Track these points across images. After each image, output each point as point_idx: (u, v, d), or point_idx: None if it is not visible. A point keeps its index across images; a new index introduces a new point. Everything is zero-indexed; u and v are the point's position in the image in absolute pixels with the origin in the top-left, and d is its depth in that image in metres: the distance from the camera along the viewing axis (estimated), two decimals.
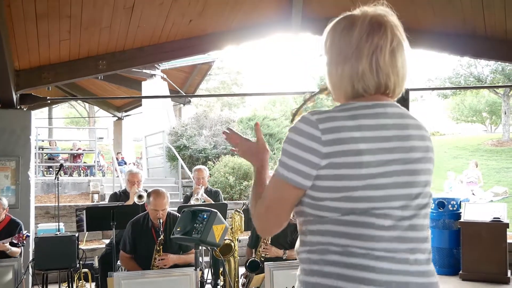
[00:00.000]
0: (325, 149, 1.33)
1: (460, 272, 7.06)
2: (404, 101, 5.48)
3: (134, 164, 17.10)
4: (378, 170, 1.34)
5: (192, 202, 6.16)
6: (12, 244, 5.06)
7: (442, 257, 7.36)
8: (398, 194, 1.37)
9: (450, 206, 7.45)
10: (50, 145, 17.72)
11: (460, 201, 7.71)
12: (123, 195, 6.01)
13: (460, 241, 7.14)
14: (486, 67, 25.61)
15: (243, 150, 1.71)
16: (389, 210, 1.35)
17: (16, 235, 5.10)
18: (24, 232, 5.25)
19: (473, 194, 13.41)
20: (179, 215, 4.11)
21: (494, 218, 7.02)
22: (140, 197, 5.64)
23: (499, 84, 25.33)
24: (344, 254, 1.34)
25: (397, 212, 1.36)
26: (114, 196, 6.10)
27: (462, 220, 7.23)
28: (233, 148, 1.76)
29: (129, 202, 5.71)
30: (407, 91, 5.66)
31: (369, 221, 1.34)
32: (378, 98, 1.44)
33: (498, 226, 6.96)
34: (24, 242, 5.20)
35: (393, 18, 1.46)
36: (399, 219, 1.36)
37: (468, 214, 7.28)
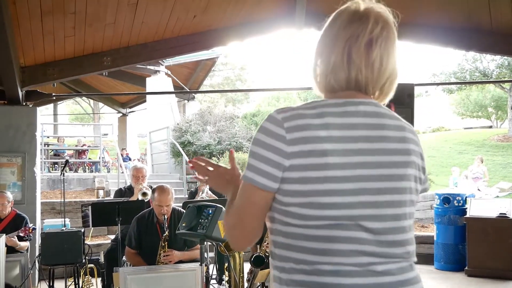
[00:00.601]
0: (289, 148, 1.24)
1: (466, 268, 7.06)
2: (409, 97, 5.47)
3: (139, 160, 17.14)
4: (344, 173, 1.23)
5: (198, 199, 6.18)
6: (19, 238, 5.11)
7: (448, 253, 7.36)
8: (368, 201, 1.25)
9: (455, 201, 7.44)
10: (58, 142, 17.79)
11: (466, 197, 7.70)
12: (128, 191, 6.03)
13: (466, 237, 7.14)
14: (491, 62, 25.47)
15: (215, 178, 1.55)
16: (357, 220, 1.24)
17: (23, 228, 5.15)
18: (30, 225, 5.29)
19: (478, 190, 13.37)
20: (184, 211, 4.12)
21: (500, 214, 7.01)
22: (144, 194, 5.66)
23: (505, 79, 25.19)
24: (312, 273, 1.24)
25: (367, 223, 1.24)
26: (119, 192, 6.13)
27: (467, 215, 7.23)
28: (200, 178, 1.59)
29: (134, 198, 5.73)
30: (412, 87, 5.64)
31: (336, 234, 1.23)
32: (353, 95, 1.32)
33: (504, 222, 6.95)
34: (31, 235, 5.24)
35: (382, 10, 1.33)
36: (369, 231, 1.25)
37: (474, 210, 7.26)
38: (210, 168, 1.57)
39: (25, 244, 5.27)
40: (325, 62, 1.34)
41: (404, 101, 5.48)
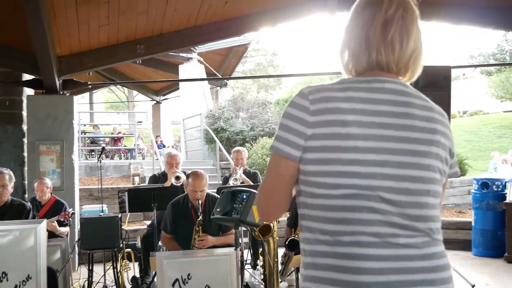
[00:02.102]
0: (312, 118, 1.31)
1: (506, 254, 6.90)
2: (445, 80, 5.34)
3: (173, 147, 17.34)
4: (366, 144, 1.28)
5: (231, 182, 6.22)
6: (59, 223, 5.26)
7: (486, 239, 7.21)
8: (388, 174, 1.28)
9: (494, 186, 7.27)
10: (94, 129, 18.15)
11: (505, 182, 7.50)
12: (162, 177, 6.12)
13: (505, 222, 6.97)
14: None
15: None
16: (377, 190, 1.27)
17: (63, 213, 5.30)
18: (69, 210, 5.44)
19: None
20: (218, 196, 4.16)
21: None
22: (177, 178, 5.73)
23: None
24: (334, 244, 1.29)
25: (387, 195, 1.27)
26: (153, 178, 6.22)
27: (507, 201, 7.05)
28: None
29: (167, 184, 5.81)
30: (448, 69, 5.50)
31: (356, 204, 1.27)
32: (380, 74, 1.37)
33: None
34: (70, 219, 5.39)
35: None
36: (390, 203, 1.27)
37: None
38: None
39: (65, 229, 5.43)
40: (347, 49, 1.41)
41: (440, 84, 5.37)
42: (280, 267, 4.68)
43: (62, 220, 5.26)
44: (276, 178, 1.40)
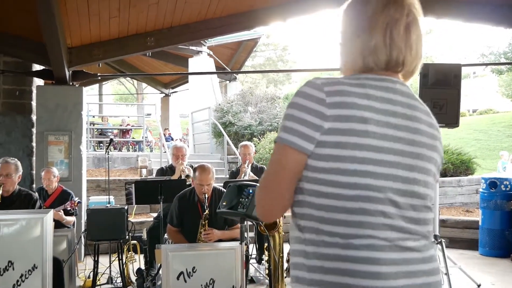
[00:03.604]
0: (329, 111, 1.24)
1: None
2: (455, 78, 5.30)
3: (181, 140, 17.38)
4: (383, 144, 1.25)
5: None
6: (65, 212, 5.29)
7: (493, 238, 7.17)
8: (399, 176, 1.27)
9: (502, 186, 7.22)
10: (103, 121, 18.23)
11: None
12: (169, 170, 6.12)
13: None
14: None
15: None
16: (387, 192, 1.25)
17: (69, 202, 5.33)
18: (76, 199, 5.47)
19: None
20: (225, 190, 4.16)
21: None
22: (187, 176, 5.73)
23: None
24: (346, 247, 1.23)
25: (395, 197, 1.26)
26: (161, 171, 6.23)
27: None
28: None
29: (175, 177, 5.82)
30: (459, 67, 5.46)
31: (367, 207, 1.23)
32: (388, 74, 1.36)
33: None
34: (76, 208, 5.43)
35: None
36: (396, 205, 1.26)
37: None
38: None
39: (71, 219, 5.46)
40: (364, 44, 1.35)
41: (450, 82, 5.33)
42: (286, 265, 4.68)
43: (69, 209, 5.30)
44: (282, 173, 1.31)
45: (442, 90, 5.30)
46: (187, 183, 5.56)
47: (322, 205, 1.27)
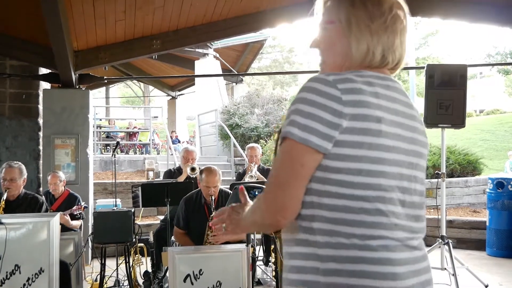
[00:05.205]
0: (347, 109, 1.20)
1: None
2: (461, 78, 5.28)
3: (188, 143, 17.40)
4: (394, 144, 1.26)
5: (247, 179, 6.22)
6: (72, 216, 5.30)
7: (501, 239, 7.12)
8: (406, 174, 1.29)
9: (509, 186, 7.17)
10: (110, 124, 18.29)
11: None
12: (177, 172, 6.13)
13: None
14: None
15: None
16: (396, 191, 1.25)
17: (76, 206, 5.34)
18: (83, 203, 5.49)
19: None
20: (231, 192, 4.15)
21: None
22: (193, 169, 5.73)
23: None
24: (364, 248, 1.21)
25: (402, 195, 1.28)
26: (168, 173, 6.24)
27: None
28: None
29: (182, 178, 5.82)
30: (465, 68, 5.43)
31: (379, 207, 1.22)
32: (384, 72, 1.36)
33: None
34: (83, 213, 5.44)
35: None
36: (401, 203, 1.27)
37: None
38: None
39: (77, 223, 5.47)
40: (384, 43, 1.33)
41: (456, 82, 5.31)
42: None
43: (75, 213, 5.31)
44: (301, 170, 1.22)
45: (448, 91, 5.28)
46: (192, 176, 5.56)
47: (335, 206, 1.23)
